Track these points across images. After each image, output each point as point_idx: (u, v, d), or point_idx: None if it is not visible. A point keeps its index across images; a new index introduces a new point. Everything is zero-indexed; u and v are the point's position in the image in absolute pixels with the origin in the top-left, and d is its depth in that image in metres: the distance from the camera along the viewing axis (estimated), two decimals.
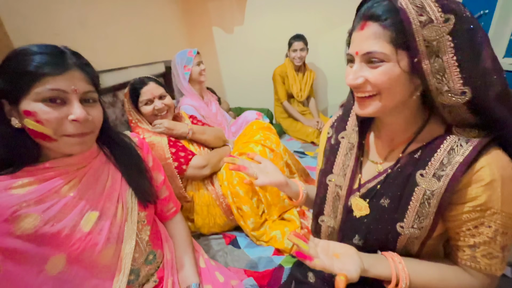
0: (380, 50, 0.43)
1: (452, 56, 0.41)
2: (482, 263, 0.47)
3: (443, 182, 0.46)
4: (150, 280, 0.70)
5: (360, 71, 0.47)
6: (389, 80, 0.44)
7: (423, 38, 0.41)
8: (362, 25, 0.45)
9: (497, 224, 0.44)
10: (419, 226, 0.49)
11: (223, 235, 1.15)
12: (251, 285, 0.89)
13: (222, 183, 1.11)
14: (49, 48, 0.52)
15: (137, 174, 0.70)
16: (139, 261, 0.67)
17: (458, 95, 0.42)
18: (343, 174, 0.60)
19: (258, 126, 1.25)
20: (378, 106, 0.48)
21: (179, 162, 1.04)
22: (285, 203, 1.15)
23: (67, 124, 0.52)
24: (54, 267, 0.53)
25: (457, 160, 0.45)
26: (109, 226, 0.60)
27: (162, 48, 2.01)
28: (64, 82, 0.51)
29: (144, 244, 0.69)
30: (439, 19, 0.40)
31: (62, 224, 0.54)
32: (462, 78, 0.41)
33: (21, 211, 0.50)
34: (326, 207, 0.63)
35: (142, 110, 1.07)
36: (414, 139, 0.52)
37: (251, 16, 2.47)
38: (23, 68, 0.49)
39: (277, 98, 2.34)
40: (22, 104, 0.50)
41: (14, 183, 0.51)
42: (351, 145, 0.60)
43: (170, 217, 0.85)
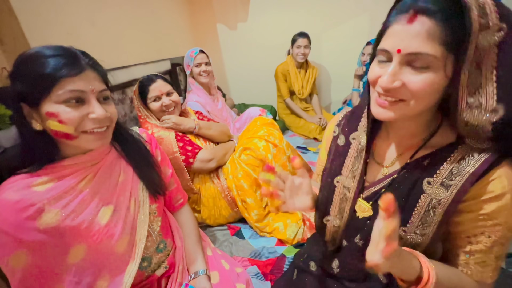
0: (432, 53, 0.38)
1: (493, 70, 0.37)
2: (474, 270, 0.47)
3: (451, 192, 0.44)
4: (161, 267, 0.76)
5: (400, 74, 0.41)
6: (430, 88, 0.40)
7: (476, 44, 0.36)
8: (411, 18, 0.39)
9: (497, 235, 0.44)
10: (422, 233, 0.48)
11: (228, 227, 1.20)
12: (255, 272, 0.94)
13: (227, 176, 1.15)
14: (60, 50, 0.53)
15: (147, 168, 0.73)
16: (151, 250, 0.72)
17: (488, 112, 0.39)
18: (352, 177, 0.58)
19: (261, 122, 1.29)
20: (403, 112, 0.44)
21: (186, 155, 1.08)
22: None
23: (87, 121, 0.55)
24: (75, 256, 0.57)
25: (468, 170, 0.43)
26: (124, 218, 0.64)
27: (168, 46, 2.05)
28: (81, 83, 0.53)
29: (156, 234, 0.73)
30: (495, 26, 0.36)
31: (81, 217, 0.58)
32: (497, 94, 0.38)
33: (43, 207, 0.53)
34: (332, 208, 0.62)
35: (151, 107, 1.12)
36: (424, 145, 0.50)
37: (255, 13, 2.48)
38: (41, 71, 0.50)
39: (280, 95, 2.37)
40: (43, 106, 0.51)
41: (36, 181, 0.54)
42: (362, 147, 0.57)
43: (178, 208, 0.90)
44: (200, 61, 1.57)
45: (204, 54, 1.61)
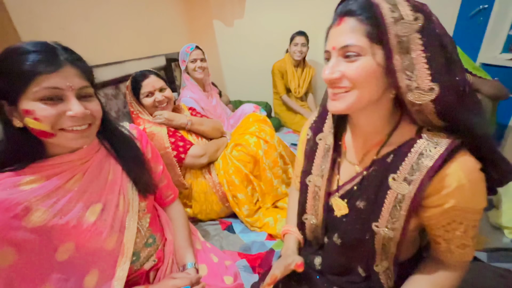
0: (356, 43, 0.44)
1: (421, 53, 0.42)
2: (457, 253, 0.51)
3: (413, 187, 0.47)
4: (150, 260, 0.76)
5: (337, 66, 0.47)
6: (365, 74, 0.45)
7: (395, 33, 0.42)
8: (339, 21, 0.46)
9: (468, 220, 0.48)
10: (392, 227, 0.51)
11: (220, 221, 1.21)
12: (244, 266, 0.96)
13: (219, 172, 1.17)
14: (40, 45, 0.52)
15: (137, 167, 0.73)
16: (140, 245, 0.72)
17: (426, 92, 0.43)
18: (321, 175, 0.62)
19: (254, 118, 1.30)
20: (350, 101, 0.48)
21: (178, 151, 1.10)
22: (278, 192, 1.21)
23: (65, 119, 0.53)
24: (64, 254, 0.57)
25: (426, 165, 0.46)
26: (113, 216, 0.64)
27: (163, 42, 2.05)
28: (58, 80, 0.52)
29: (144, 230, 0.74)
30: (410, 16, 0.42)
31: (69, 216, 0.57)
32: (430, 74, 0.43)
33: (30, 206, 0.52)
34: (307, 206, 0.66)
35: (143, 102, 1.12)
36: (386, 141, 0.53)
37: (251, 10, 2.48)
38: (18, 68, 0.49)
39: (276, 92, 2.38)
40: (21, 103, 0.51)
41: (22, 180, 0.53)
42: (328, 147, 0.61)
43: (168, 203, 0.91)
44: (196, 57, 1.58)
45: (200, 50, 1.61)
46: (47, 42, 0.54)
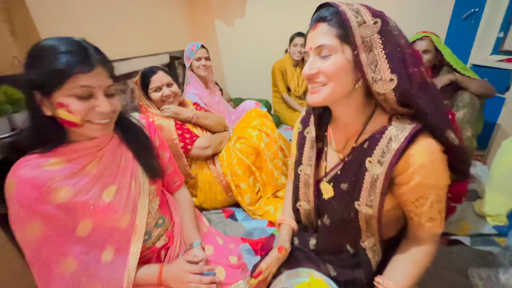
0: (329, 43, 0.52)
1: (382, 50, 0.51)
2: (427, 227, 0.58)
3: (384, 167, 0.54)
4: (161, 239, 0.83)
5: (314, 63, 0.55)
6: (338, 69, 0.53)
7: (360, 34, 0.50)
8: (314, 27, 0.55)
9: (432, 195, 0.54)
10: (370, 205, 0.57)
11: (223, 210, 1.28)
12: (246, 249, 1.03)
13: (223, 163, 1.24)
14: (74, 45, 0.57)
15: (146, 153, 0.80)
16: (151, 225, 0.80)
17: (388, 82, 0.51)
18: (310, 165, 0.70)
19: (256, 113, 1.37)
20: (326, 93, 0.55)
21: (185, 142, 1.17)
22: (278, 183, 1.28)
23: (93, 113, 0.60)
24: (84, 230, 0.64)
25: (394, 147, 0.53)
26: (126, 197, 0.72)
27: (167, 40, 2.12)
28: (91, 79, 0.58)
29: (154, 211, 0.81)
30: (370, 21, 0.51)
31: (89, 196, 0.64)
32: (389, 68, 0.51)
33: (55, 184, 0.59)
34: (300, 193, 0.73)
35: (152, 97, 1.19)
36: (363, 130, 0.60)
37: (252, 10, 2.55)
38: (55, 66, 0.54)
39: (276, 90, 2.45)
40: (55, 96, 0.56)
41: (47, 161, 0.59)
42: (313, 138, 0.70)
43: (175, 189, 0.98)
44: (201, 55, 1.64)
45: (205, 49, 1.68)
46: (80, 42, 0.59)
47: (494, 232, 1.05)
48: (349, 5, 0.53)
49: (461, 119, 1.47)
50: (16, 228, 0.57)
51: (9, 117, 0.80)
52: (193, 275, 0.73)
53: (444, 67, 1.57)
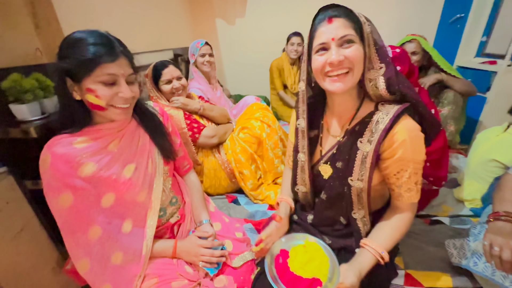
0: (352, 33, 0.61)
1: (373, 46, 0.63)
2: (405, 196, 0.68)
3: (373, 145, 0.65)
4: (174, 216, 0.92)
5: (339, 51, 0.62)
6: (360, 56, 0.62)
7: (365, 30, 0.62)
8: (330, 20, 0.62)
9: (410, 168, 0.64)
10: (361, 179, 0.67)
11: (226, 196, 1.38)
12: (249, 228, 1.13)
13: (227, 151, 1.34)
14: (102, 38, 0.64)
15: (160, 136, 0.87)
16: (166, 203, 0.88)
17: (378, 70, 0.64)
18: (304, 152, 0.79)
19: (257, 106, 1.47)
20: (351, 81, 0.64)
21: (193, 131, 1.26)
22: (278, 171, 1.39)
23: (117, 98, 0.67)
24: (107, 202, 0.72)
25: (380, 128, 0.64)
26: (143, 175, 0.80)
27: (171, 38, 2.20)
28: (116, 68, 0.64)
29: (168, 190, 0.90)
30: (366, 22, 0.62)
31: (111, 171, 0.71)
32: (379, 59, 0.64)
33: (83, 160, 0.66)
34: (298, 178, 0.83)
35: (162, 89, 1.28)
36: (355, 115, 0.71)
37: (252, 9, 2.65)
38: (85, 55, 0.61)
39: (273, 88, 2.55)
40: (85, 83, 0.63)
41: (76, 140, 0.67)
42: (303, 129, 0.78)
43: (185, 172, 1.06)
44: (205, 52, 1.73)
45: (209, 46, 1.77)
46: (106, 35, 0.66)
47: (471, 213, 1.18)
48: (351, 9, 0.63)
49: (446, 115, 1.60)
50: (50, 198, 0.65)
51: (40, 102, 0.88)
52: (204, 249, 0.81)
53: (432, 68, 1.70)
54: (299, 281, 0.65)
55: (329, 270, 0.68)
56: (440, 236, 1.03)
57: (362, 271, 0.64)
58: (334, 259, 0.70)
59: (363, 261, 0.66)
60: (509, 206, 0.72)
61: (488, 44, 2.06)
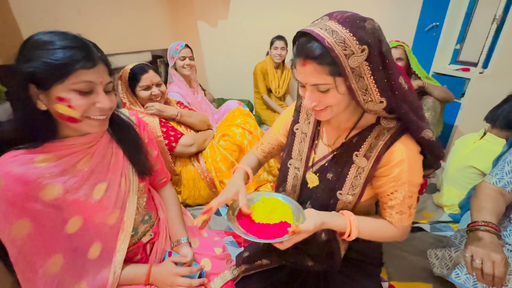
0: (323, 82, 0.54)
1: (370, 76, 0.52)
2: (396, 218, 0.63)
3: (370, 161, 0.61)
4: (147, 234, 0.85)
5: (313, 96, 0.57)
6: (336, 100, 0.57)
7: (349, 66, 0.51)
8: (303, 63, 0.54)
9: (405, 191, 0.60)
10: (352, 193, 0.65)
11: None
12: (230, 241, 1.08)
13: (207, 160, 1.27)
14: (77, 41, 0.56)
15: (135, 151, 0.80)
16: (138, 221, 0.81)
17: (378, 104, 0.56)
18: (300, 159, 0.74)
19: (239, 112, 1.42)
20: (330, 114, 0.60)
21: (169, 140, 1.18)
22: (260, 179, 1.34)
23: (93, 109, 0.59)
24: (73, 226, 0.63)
25: (380, 144, 0.60)
26: (116, 195, 0.72)
27: (149, 38, 2.10)
28: (94, 75, 0.57)
29: (142, 208, 0.82)
30: (358, 50, 0.49)
31: (80, 193, 0.63)
32: (379, 92, 0.54)
33: (46, 181, 0.57)
34: (287, 186, 0.77)
35: (139, 94, 1.19)
36: (354, 128, 0.66)
37: (235, 11, 2.60)
38: (57, 59, 0.53)
39: (257, 91, 2.52)
40: (54, 91, 0.55)
41: (37, 158, 0.58)
42: (304, 134, 0.74)
43: (161, 185, 0.99)
44: (185, 54, 1.66)
45: (189, 49, 1.70)
46: (80, 37, 0.59)
47: (450, 219, 1.20)
48: (334, 34, 0.50)
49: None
50: (1, 226, 0.55)
51: None
52: (182, 278, 0.74)
53: (412, 75, 1.74)
54: (268, 228, 0.62)
55: (293, 213, 0.65)
56: (422, 244, 1.04)
57: (325, 225, 0.61)
58: (296, 204, 0.67)
59: (332, 218, 0.62)
60: (487, 215, 0.72)
61: (461, 52, 2.15)
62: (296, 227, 0.55)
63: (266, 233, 0.60)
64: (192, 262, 0.81)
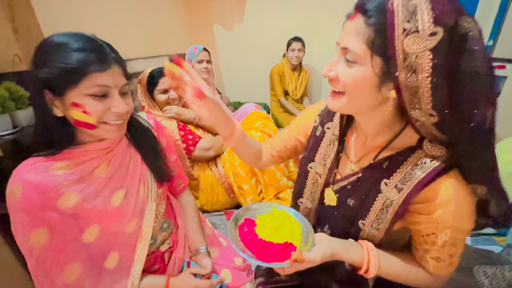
0: (354, 50, 0.40)
1: (428, 77, 0.36)
2: (431, 264, 0.49)
3: (401, 195, 0.47)
4: (165, 243, 0.81)
5: (336, 64, 0.45)
6: (355, 84, 0.42)
7: (403, 48, 0.36)
8: (353, 15, 0.42)
9: (447, 236, 0.46)
10: (377, 228, 0.52)
11: (225, 212, 1.27)
12: None
13: (225, 164, 1.23)
14: (90, 42, 0.53)
15: (154, 156, 0.76)
16: (156, 229, 0.77)
17: (427, 116, 0.41)
18: (323, 164, 0.62)
19: (257, 115, 1.38)
20: (342, 105, 0.47)
21: (187, 144, 1.16)
22: (280, 184, 1.28)
23: (109, 114, 0.56)
24: (90, 235, 0.61)
25: (418, 176, 0.45)
26: (134, 202, 0.68)
27: (166, 43, 2.12)
28: (108, 78, 0.54)
29: (161, 215, 0.79)
30: (426, 29, 0.34)
31: (97, 201, 0.60)
32: (431, 101, 0.38)
33: (63, 189, 0.55)
34: (305, 191, 0.66)
35: (157, 98, 1.18)
36: (386, 147, 0.52)
37: (251, 15, 2.59)
38: (70, 63, 0.50)
39: (274, 94, 2.47)
40: (69, 96, 0.52)
41: (54, 165, 0.56)
42: (335, 137, 0.60)
43: (179, 191, 0.96)
44: (203, 58, 1.65)
45: (207, 52, 1.68)
46: (94, 39, 0.56)
47: (494, 232, 1.07)
48: None
49: None
50: (19, 235, 0.54)
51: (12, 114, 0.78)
52: None
53: None
54: (270, 247, 0.54)
55: (302, 235, 0.57)
56: (464, 259, 0.92)
57: (336, 256, 0.51)
58: (307, 225, 0.59)
59: (345, 249, 0.52)
60: None
61: (495, 48, 1.99)
62: (299, 255, 0.47)
63: (267, 253, 0.52)
64: (211, 274, 0.76)
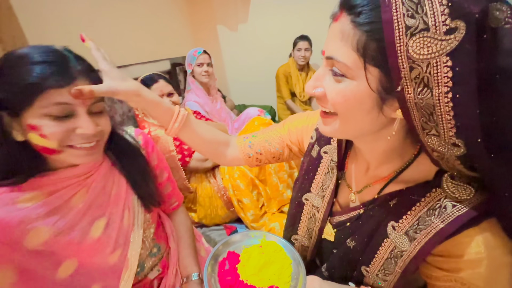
0: (341, 59, 0.31)
1: (447, 92, 0.26)
2: None
3: (414, 247, 0.37)
4: (154, 270, 0.73)
5: (323, 78, 0.35)
6: (346, 104, 0.33)
7: (407, 53, 0.26)
8: (337, 15, 0.32)
9: None
10: (383, 279, 0.43)
11: (224, 226, 1.20)
12: None
13: (224, 176, 1.16)
14: (50, 54, 0.47)
15: (142, 180, 0.68)
16: (144, 256, 0.69)
17: (448, 145, 0.29)
18: (322, 196, 0.52)
19: (259, 122, 1.29)
20: (335, 128, 0.37)
21: (183, 154, 1.09)
22: (283, 197, 1.19)
23: (74, 136, 0.49)
24: (66, 271, 0.54)
25: (435, 225, 0.34)
26: (117, 231, 0.61)
27: (168, 46, 2.06)
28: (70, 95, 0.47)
29: (149, 240, 0.71)
30: (440, 25, 0.24)
31: (74, 233, 0.54)
32: (455, 126, 0.27)
33: (30, 225, 0.48)
34: (300, 227, 0.56)
35: None
36: (393, 179, 0.42)
37: (255, 14, 2.50)
38: (24, 78, 0.44)
39: (280, 96, 2.38)
40: (25, 117, 0.46)
41: (21, 197, 0.49)
42: (334, 163, 0.50)
43: (172, 210, 0.88)
44: (203, 61, 1.58)
45: (207, 55, 1.62)
46: (57, 50, 0.49)
47: None
48: None
49: None
50: None
51: None
52: None
53: None
54: None
55: (292, 275, 0.48)
56: None
57: None
58: (299, 262, 0.50)
59: None
60: None
61: None
62: None
63: None
64: None
